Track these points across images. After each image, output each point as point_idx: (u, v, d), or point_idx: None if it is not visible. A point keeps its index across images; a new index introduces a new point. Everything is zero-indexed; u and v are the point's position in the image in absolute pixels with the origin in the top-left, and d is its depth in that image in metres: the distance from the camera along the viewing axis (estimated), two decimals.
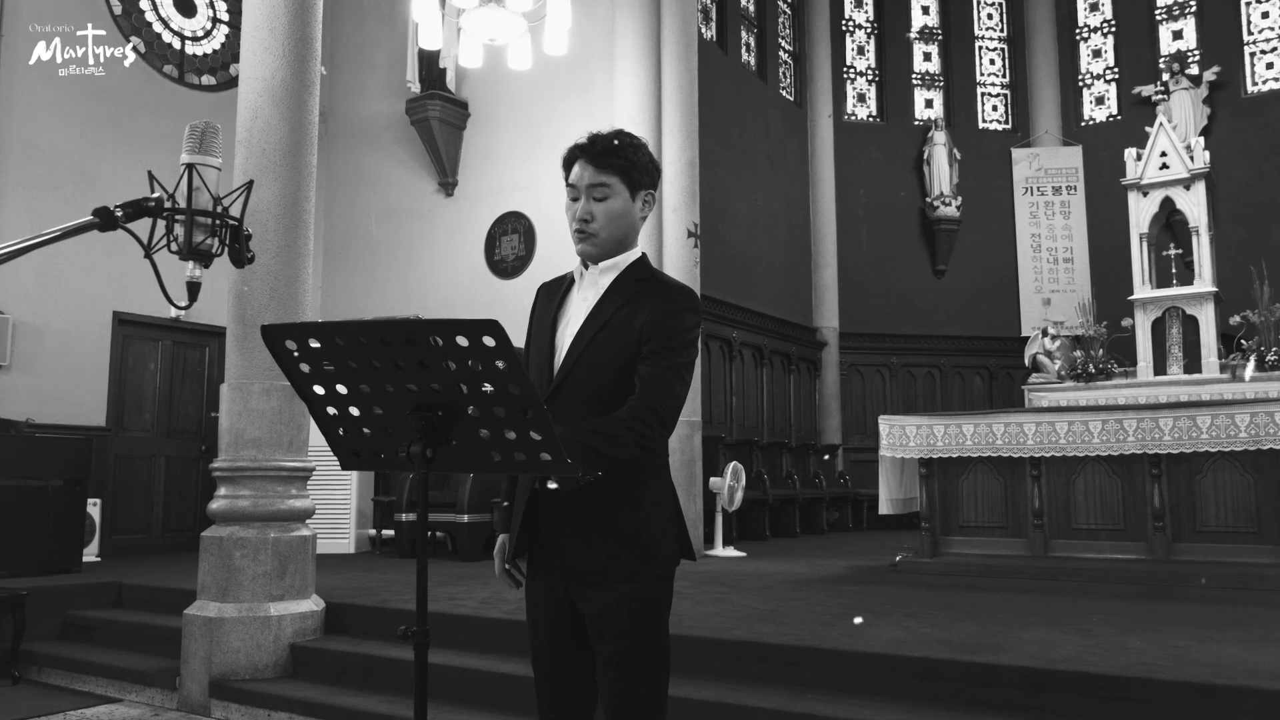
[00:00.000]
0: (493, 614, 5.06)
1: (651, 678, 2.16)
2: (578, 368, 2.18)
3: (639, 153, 2.27)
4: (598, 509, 2.13)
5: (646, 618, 2.15)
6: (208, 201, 2.17)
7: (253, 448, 5.21)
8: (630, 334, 2.16)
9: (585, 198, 2.24)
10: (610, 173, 2.22)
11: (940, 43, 15.71)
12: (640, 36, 9.15)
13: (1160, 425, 6.41)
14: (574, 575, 2.16)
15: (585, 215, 2.23)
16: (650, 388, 2.13)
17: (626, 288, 2.23)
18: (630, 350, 2.16)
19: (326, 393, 1.96)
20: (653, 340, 2.15)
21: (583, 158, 2.25)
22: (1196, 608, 5.33)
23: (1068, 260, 14.66)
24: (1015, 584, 6.38)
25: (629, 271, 2.27)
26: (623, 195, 2.24)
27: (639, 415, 2.10)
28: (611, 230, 2.24)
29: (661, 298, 2.20)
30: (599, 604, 2.13)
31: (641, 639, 2.14)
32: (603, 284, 2.26)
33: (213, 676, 5.03)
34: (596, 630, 2.15)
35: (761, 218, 13.11)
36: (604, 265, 2.27)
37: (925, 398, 14.39)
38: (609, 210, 2.23)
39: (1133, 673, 3.61)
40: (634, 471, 2.15)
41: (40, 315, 8.61)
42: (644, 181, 2.27)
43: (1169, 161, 10.90)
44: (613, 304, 2.21)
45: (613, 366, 2.16)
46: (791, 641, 4.31)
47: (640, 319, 2.17)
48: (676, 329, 2.17)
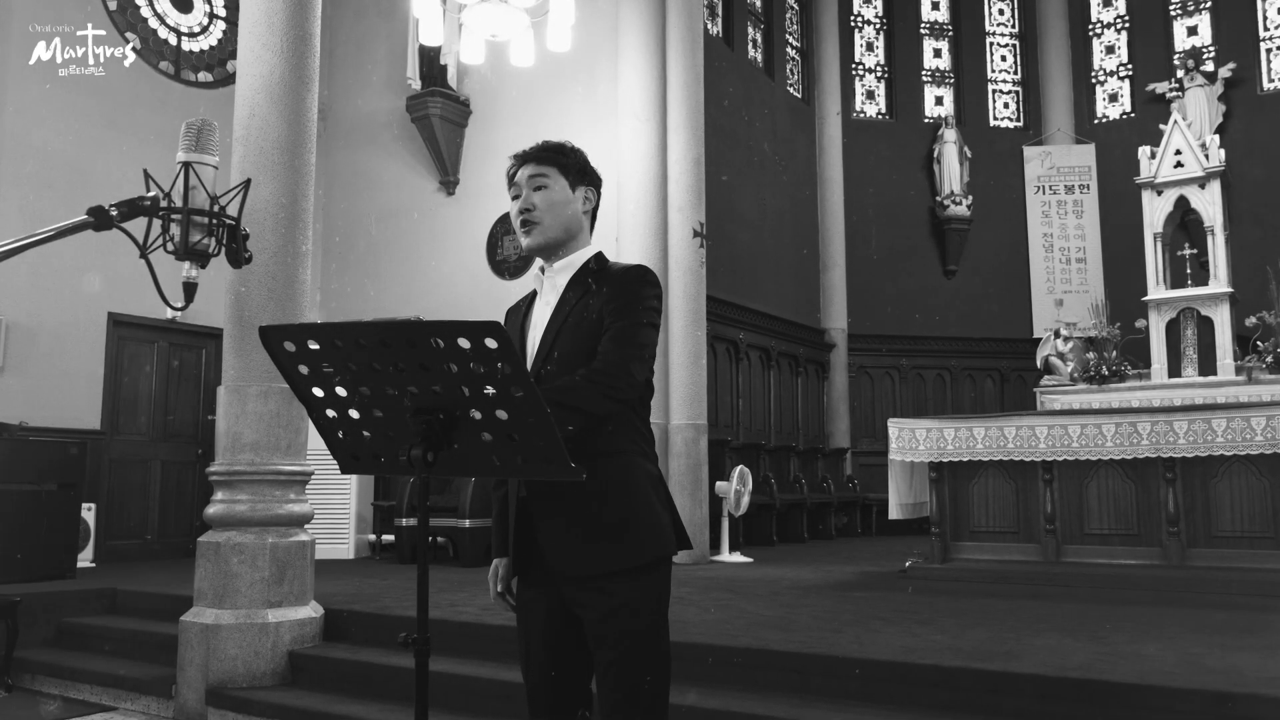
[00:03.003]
0: (495, 621, 4.99)
1: (653, 682, 2.15)
2: (548, 364, 2.20)
3: (576, 154, 2.37)
4: (583, 503, 2.12)
5: (646, 621, 2.15)
6: (204, 200, 2.17)
7: (250, 451, 5.16)
8: (592, 318, 2.20)
9: (526, 189, 2.31)
10: (548, 165, 2.31)
11: (951, 38, 15.62)
12: (645, 32, 9.12)
13: (1175, 428, 6.38)
14: (567, 578, 2.15)
15: (527, 205, 2.29)
16: (610, 344, 2.16)
17: (582, 281, 2.27)
18: (596, 334, 2.19)
19: (325, 395, 1.95)
20: (611, 315, 2.19)
21: (521, 162, 2.34)
22: (1212, 614, 5.28)
23: (1080, 260, 14.56)
24: (1027, 590, 6.34)
25: (585, 267, 2.31)
26: (562, 186, 2.30)
27: (597, 368, 2.13)
28: (553, 218, 2.28)
29: (617, 277, 2.25)
30: (598, 610, 2.13)
31: (642, 644, 2.14)
32: (560, 283, 2.30)
33: (209, 684, 4.97)
34: (596, 636, 2.14)
35: (768, 217, 13.04)
36: (559, 265, 2.31)
37: (935, 400, 14.29)
38: (548, 198, 2.28)
39: (1147, 681, 3.58)
40: (615, 458, 2.16)
41: (34, 316, 8.54)
42: (582, 179, 2.34)
43: (1184, 160, 10.87)
44: (572, 297, 2.25)
45: (582, 355, 2.17)
46: (799, 649, 4.28)
47: (599, 301, 2.21)
48: (633, 298, 2.21)
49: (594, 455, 2.09)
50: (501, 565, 2.33)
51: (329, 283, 11.08)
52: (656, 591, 2.18)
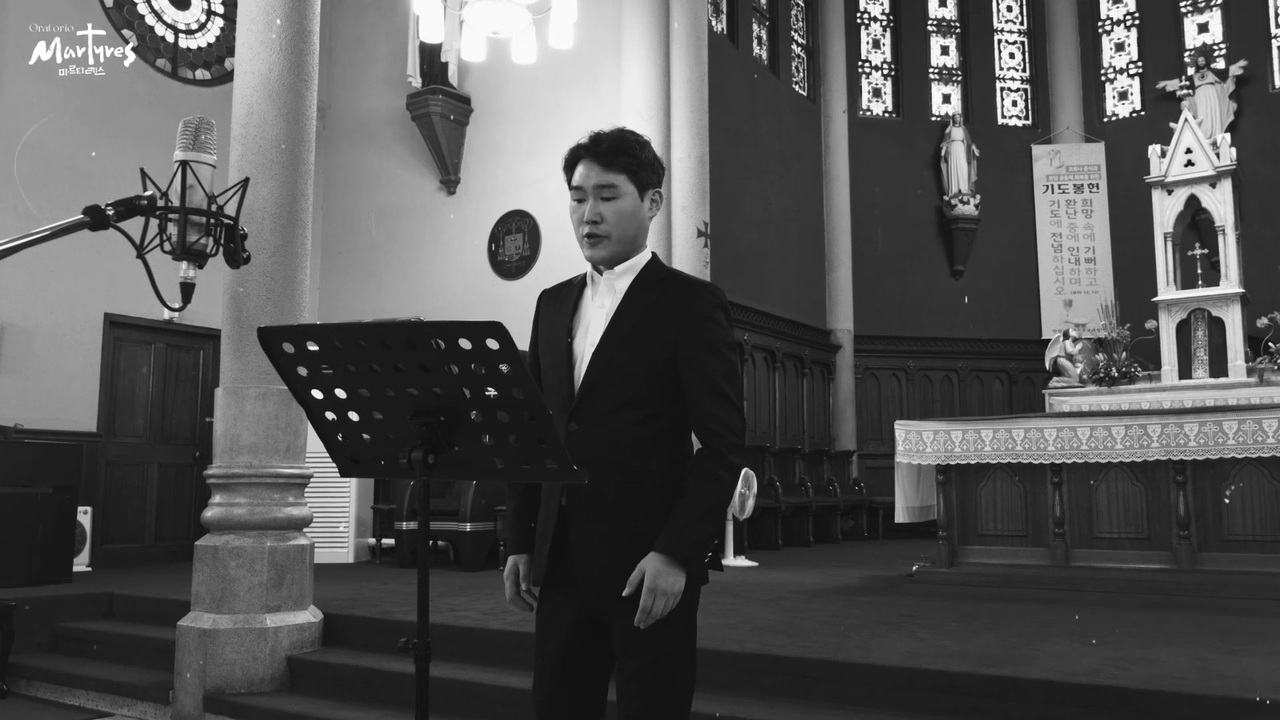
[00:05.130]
0: (496, 625, 4.99)
1: (679, 692, 2.13)
2: (605, 376, 2.13)
3: (645, 150, 2.23)
4: (627, 522, 2.09)
5: (677, 631, 2.11)
6: (202, 200, 2.16)
7: (248, 454, 5.14)
8: (660, 336, 2.13)
9: (593, 198, 2.18)
10: (617, 171, 2.17)
11: (958, 35, 15.57)
12: (648, 30, 9.12)
13: (1185, 431, 6.36)
14: (606, 592, 2.09)
15: (594, 216, 2.17)
16: (707, 398, 2.11)
17: (648, 289, 2.18)
18: (661, 356, 2.12)
19: (325, 397, 1.95)
20: (690, 352, 2.12)
21: (587, 158, 2.19)
22: (1223, 619, 5.26)
23: (1090, 260, 14.50)
24: (1035, 594, 6.32)
25: (646, 273, 2.22)
26: (631, 194, 2.19)
27: (711, 455, 2.10)
28: (623, 231, 2.18)
29: (688, 297, 2.16)
30: (629, 616, 2.06)
31: (672, 652, 2.11)
32: (620, 288, 2.20)
33: (207, 690, 4.94)
34: (624, 643, 2.10)
35: (774, 216, 12.98)
36: (619, 269, 2.21)
37: (943, 402, 14.23)
38: (619, 210, 2.17)
39: (1157, 686, 3.55)
40: (661, 482, 2.12)
41: (29, 317, 8.51)
42: (651, 180, 2.23)
43: (1194, 159, 10.80)
44: (637, 307, 2.16)
45: (644, 370, 2.12)
46: (804, 654, 4.25)
47: (669, 320, 2.13)
48: (713, 336, 2.14)
49: (644, 475, 2.10)
50: (521, 562, 2.27)
51: (328, 283, 11.06)
52: (689, 604, 2.12)
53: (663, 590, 2.00)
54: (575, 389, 2.14)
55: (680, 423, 2.16)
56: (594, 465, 2.00)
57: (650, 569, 2.01)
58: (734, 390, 2.13)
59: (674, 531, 2.04)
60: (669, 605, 2.01)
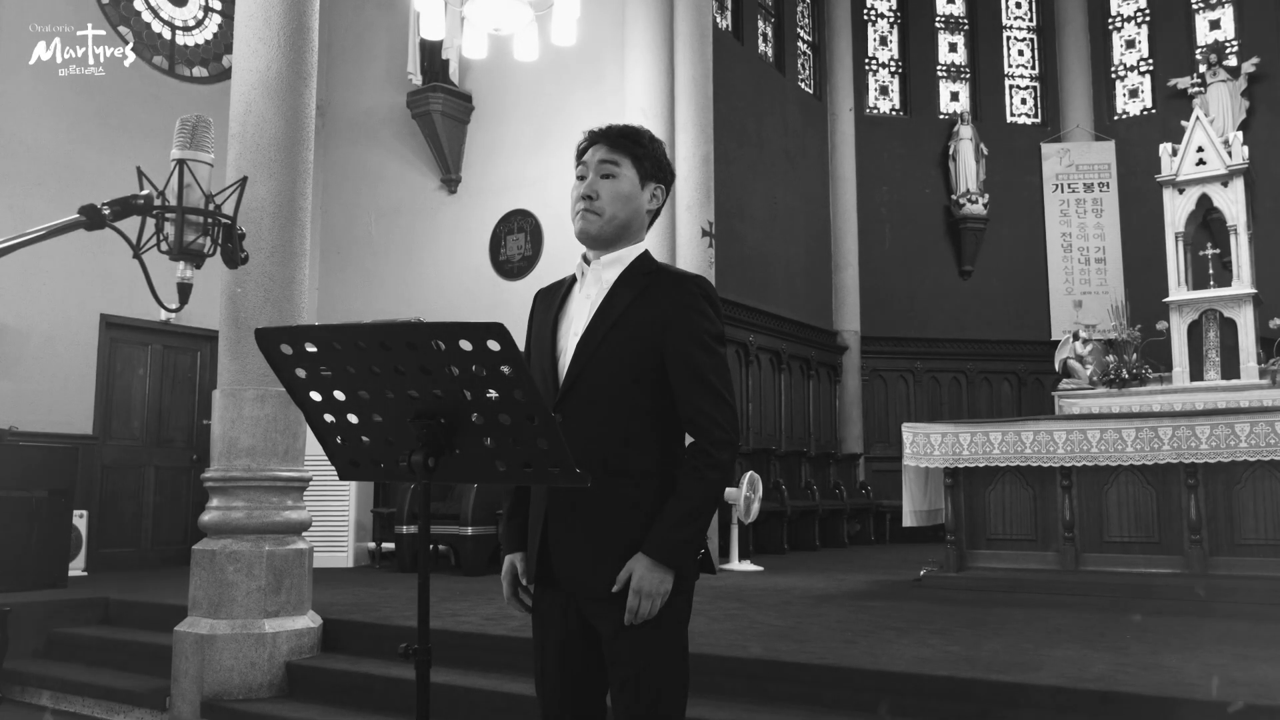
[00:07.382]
0: (498, 631, 4.99)
1: (669, 701, 2.10)
2: (589, 369, 2.11)
3: (655, 144, 2.27)
4: (610, 519, 2.08)
5: (665, 639, 2.09)
6: (199, 199, 2.15)
7: (246, 457, 5.12)
8: (645, 331, 2.11)
9: (593, 174, 2.20)
10: (621, 153, 2.21)
11: (966, 33, 15.51)
12: (652, 26, 9.09)
13: (1197, 433, 6.34)
14: (587, 591, 2.10)
15: (590, 191, 2.19)
16: (695, 393, 2.10)
17: (634, 281, 2.17)
18: (646, 349, 2.10)
19: (323, 399, 1.94)
20: (677, 346, 2.10)
21: (598, 140, 2.23)
22: (1235, 625, 5.26)
23: (1100, 260, 14.44)
24: (1045, 599, 6.31)
25: (635, 265, 2.21)
26: (631, 179, 2.21)
27: (698, 453, 2.10)
28: (615, 210, 2.18)
29: (674, 289, 2.15)
30: (616, 624, 2.07)
31: (661, 661, 2.09)
32: (607, 279, 2.19)
33: (205, 696, 4.91)
34: (613, 652, 2.09)
35: (779, 216, 12.94)
36: (607, 259, 2.21)
37: (951, 404, 14.17)
38: (615, 189, 2.19)
39: (1168, 692, 3.54)
40: (647, 479, 2.10)
41: (24, 318, 8.47)
42: (654, 173, 2.25)
43: (1206, 157, 10.76)
44: (622, 299, 2.14)
45: (628, 366, 2.10)
46: (811, 660, 4.24)
47: (655, 315, 2.11)
48: (700, 329, 2.12)
49: (628, 472, 2.08)
50: (517, 561, 2.26)
51: (327, 283, 11.06)
52: (678, 608, 2.10)
53: (648, 591, 2.01)
54: (559, 383, 2.13)
55: (669, 418, 2.13)
56: (578, 461, 1.97)
57: (637, 570, 2.02)
58: (723, 383, 2.12)
59: (659, 532, 2.04)
60: (656, 606, 2.02)
